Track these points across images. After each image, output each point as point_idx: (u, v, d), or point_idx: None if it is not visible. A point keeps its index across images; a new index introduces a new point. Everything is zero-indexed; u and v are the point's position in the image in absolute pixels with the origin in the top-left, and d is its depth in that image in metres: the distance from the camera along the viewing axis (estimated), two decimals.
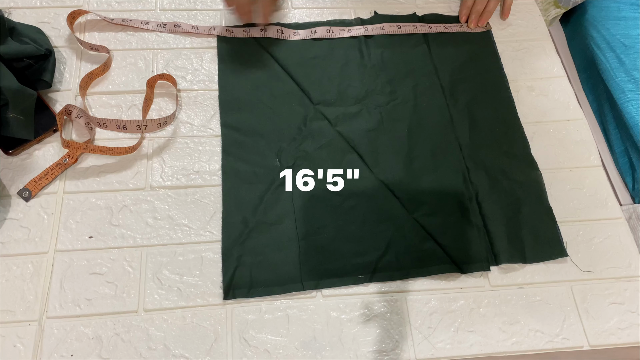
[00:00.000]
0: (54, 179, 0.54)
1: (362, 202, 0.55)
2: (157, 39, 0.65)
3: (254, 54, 0.64)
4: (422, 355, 0.49)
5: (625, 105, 0.79)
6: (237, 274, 0.51)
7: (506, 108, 0.63)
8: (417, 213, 0.55)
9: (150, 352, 0.47)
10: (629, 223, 0.57)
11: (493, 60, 0.67)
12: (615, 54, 0.84)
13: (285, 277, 0.51)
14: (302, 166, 0.57)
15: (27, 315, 0.47)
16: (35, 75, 0.57)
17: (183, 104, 0.61)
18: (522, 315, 0.51)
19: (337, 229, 0.54)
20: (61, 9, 0.65)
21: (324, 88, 0.62)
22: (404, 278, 0.52)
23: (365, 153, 0.58)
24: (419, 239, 0.54)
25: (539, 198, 0.57)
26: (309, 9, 0.69)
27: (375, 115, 0.61)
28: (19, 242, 0.51)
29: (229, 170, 0.56)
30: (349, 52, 0.65)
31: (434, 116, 0.62)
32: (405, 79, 0.64)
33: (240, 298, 0.50)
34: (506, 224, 0.55)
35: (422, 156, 0.59)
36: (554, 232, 0.55)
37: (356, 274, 0.52)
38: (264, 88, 0.62)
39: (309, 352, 0.48)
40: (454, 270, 0.52)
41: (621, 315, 0.52)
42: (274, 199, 0.55)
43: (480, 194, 0.57)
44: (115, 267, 0.50)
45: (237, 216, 0.53)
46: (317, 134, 0.59)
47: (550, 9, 0.86)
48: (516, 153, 0.60)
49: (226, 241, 0.52)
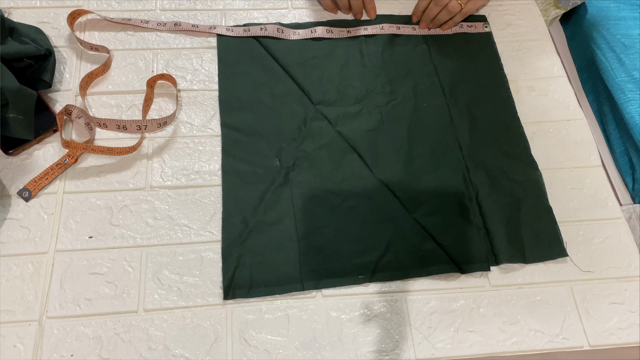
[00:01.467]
0: (54, 179, 0.54)
1: (362, 202, 0.55)
2: (157, 39, 0.65)
3: (254, 54, 0.64)
4: (422, 355, 0.49)
5: (625, 105, 0.79)
6: (237, 274, 0.51)
7: (506, 108, 0.63)
8: (417, 213, 0.55)
9: (150, 352, 0.47)
10: (629, 223, 0.57)
11: (493, 61, 0.67)
12: (615, 54, 0.84)
13: (285, 277, 0.51)
14: (302, 166, 0.57)
15: (27, 315, 0.47)
16: (35, 75, 0.57)
17: (183, 104, 0.61)
18: (522, 315, 0.51)
19: (337, 229, 0.54)
20: (61, 9, 0.65)
21: (323, 88, 0.62)
22: (404, 278, 0.52)
23: (365, 153, 0.58)
24: (419, 239, 0.54)
25: (539, 198, 0.57)
26: (309, 9, 0.69)
27: (375, 115, 0.61)
28: (19, 242, 0.51)
29: (229, 170, 0.56)
30: (349, 52, 0.65)
31: (434, 116, 0.62)
32: (405, 79, 0.64)
33: (241, 298, 0.50)
34: (506, 224, 0.55)
35: (422, 156, 0.59)
36: (554, 232, 0.55)
37: (356, 274, 0.52)
38: (264, 88, 0.62)
39: (309, 352, 0.48)
40: (454, 270, 0.52)
41: (621, 315, 0.52)
42: (274, 199, 0.55)
43: (480, 194, 0.57)
44: (115, 267, 0.50)
45: (237, 216, 0.53)
46: (317, 134, 0.59)
47: (550, 10, 0.86)
48: (516, 153, 0.60)
49: (226, 241, 0.52)
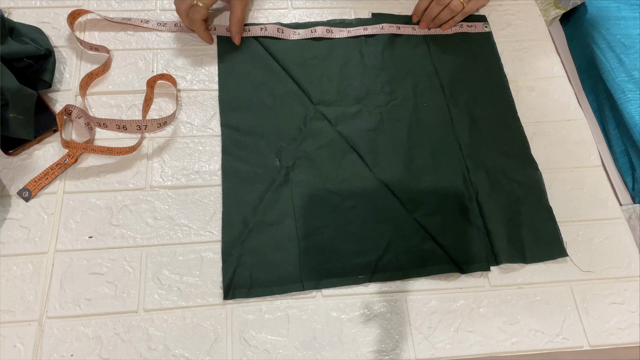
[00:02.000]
0: (54, 179, 0.54)
1: (362, 202, 0.55)
2: (157, 39, 0.65)
3: (254, 54, 0.64)
4: (422, 355, 0.49)
5: (625, 105, 0.79)
6: (237, 274, 0.51)
7: (506, 108, 0.63)
8: (417, 213, 0.55)
9: (150, 352, 0.47)
10: (629, 223, 0.57)
11: (493, 61, 0.67)
12: (615, 54, 0.84)
13: (285, 277, 0.51)
14: (302, 166, 0.57)
15: (27, 315, 0.47)
16: (35, 75, 0.56)
17: (183, 103, 0.61)
18: (522, 315, 0.51)
19: (337, 229, 0.54)
20: (61, 9, 0.65)
21: (323, 88, 0.62)
22: (404, 278, 0.52)
23: (365, 153, 0.58)
24: (418, 239, 0.54)
25: (539, 198, 0.57)
26: (309, 9, 0.69)
27: (375, 115, 0.61)
28: (19, 242, 0.51)
29: (229, 170, 0.56)
30: (349, 52, 0.65)
31: (433, 116, 0.61)
32: (405, 79, 0.64)
33: (240, 298, 0.50)
34: (506, 224, 0.55)
35: (422, 156, 0.59)
36: (554, 232, 0.55)
37: (356, 274, 0.52)
38: (264, 88, 0.62)
39: (309, 352, 0.48)
40: (454, 270, 0.52)
41: (621, 315, 0.52)
42: (274, 199, 0.55)
43: (480, 194, 0.57)
44: (115, 267, 0.50)
45: (237, 216, 0.53)
46: (317, 134, 0.59)
47: (550, 10, 0.86)
48: (516, 153, 0.60)
49: (226, 241, 0.52)
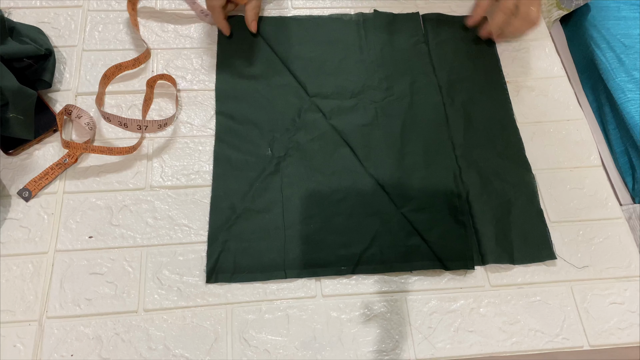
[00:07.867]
0: (54, 179, 0.54)
1: (350, 196, 0.55)
2: (157, 39, 0.65)
3: (254, 45, 0.64)
4: (422, 355, 0.49)
5: (625, 105, 0.79)
6: (221, 259, 0.51)
7: (502, 109, 0.63)
8: (405, 208, 0.55)
9: (150, 352, 0.47)
10: (629, 223, 0.57)
11: (492, 61, 0.67)
12: (615, 54, 0.84)
13: (269, 265, 0.51)
14: (293, 157, 0.57)
15: (27, 315, 0.47)
16: (35, 75, 0.57)
17: (183, 104, 0.61)
18: (522, 315, 0.51)
19: (324, 220, 0.54)
20: (61, 9, 0.65)
21: (321, 81, 0.62)
22: (387, 272, 0.52)
23: (357, 147, 0.58)
24: (404, 234, 0.54)
25: (531, 200, 0.57)
26: (309, 8, 0.69)
27: (370, 110, 0.61)
28: (19, 242, 0.51)
29: (221, 156, 0.56)
30: (348, 47, 0.66)
31: (429, 114, 0.61)
32: (402, 76, 0.64)
33: (223, 282, 0.50)
34: (495, 225, 0.55)
35: (414, 153, 0.59)
36: (544, 234, 0.55)
37: (339, 265, 0.52)
38: (262, 79, 0.62)
39: (309, 352, 0.48)
40: (438, 266, 0.52)
41: (621, 315, 0.52)
42: (263, 188, 0.55)
43: (471, 193, 0.56)
44: (115, 267, 0.50)
45: (225, 202, 0.54)
46: (311, 126, 0.59)
47: (552, 10, 0.86)
48: (510, 154, 0.60)
49: (213, 226, 0.52)
